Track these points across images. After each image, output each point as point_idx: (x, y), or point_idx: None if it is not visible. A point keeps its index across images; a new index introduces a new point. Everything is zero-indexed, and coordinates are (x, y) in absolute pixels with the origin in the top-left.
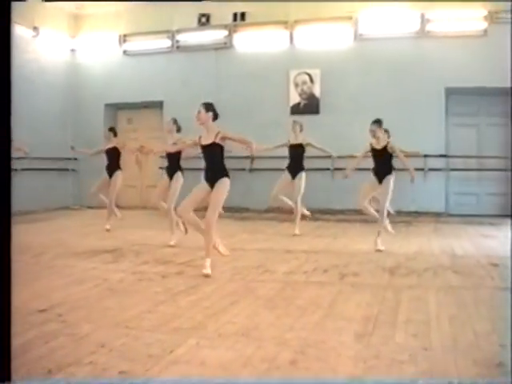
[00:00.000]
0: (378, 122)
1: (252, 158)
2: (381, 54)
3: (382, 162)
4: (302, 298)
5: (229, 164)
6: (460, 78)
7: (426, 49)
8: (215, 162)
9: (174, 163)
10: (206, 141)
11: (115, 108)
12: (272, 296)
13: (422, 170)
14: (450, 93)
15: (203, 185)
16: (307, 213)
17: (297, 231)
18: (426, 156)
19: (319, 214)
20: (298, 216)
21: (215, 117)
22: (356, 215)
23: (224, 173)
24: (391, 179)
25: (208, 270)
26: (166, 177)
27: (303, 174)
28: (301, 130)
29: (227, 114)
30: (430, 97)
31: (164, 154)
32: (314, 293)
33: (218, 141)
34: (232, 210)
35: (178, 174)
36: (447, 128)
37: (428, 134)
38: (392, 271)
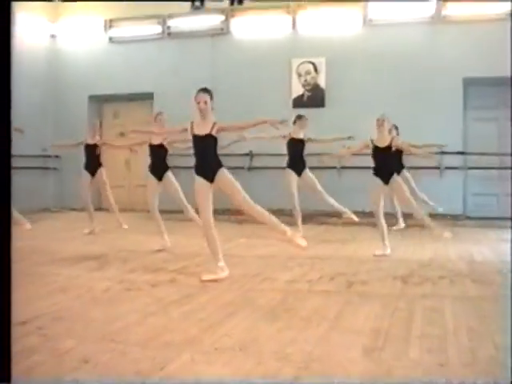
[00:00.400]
0: (384, 115)
1: (251, 156)
2: (392, 41)
3: (387, 162)
4: (306, 309)
5: (225, 162)
6: (480, 67)
7: (441, 35)
8: (210, 155)
9: (160, 161)
10: (201, 131)
11: (100, 100)
12: (273, 307)
13: (438, 168)
14: (469, 84)
15: (202, 186)
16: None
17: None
18: (442, 153)
19: (325, 216)
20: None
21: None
22: (366, 218)
23: (220, 164)
24: (398, 178)
25: (225, 272)
26: (151, 176)
27: (308, 171)
28: (304, 126)
29: (223, 107)
30: (446, 88)
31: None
32: (319, 303)
33: (214, 133)
34: (228, 213)
35: (170, 174)
36: (465, 123)
37: (444, 129)
38: (404, 279)
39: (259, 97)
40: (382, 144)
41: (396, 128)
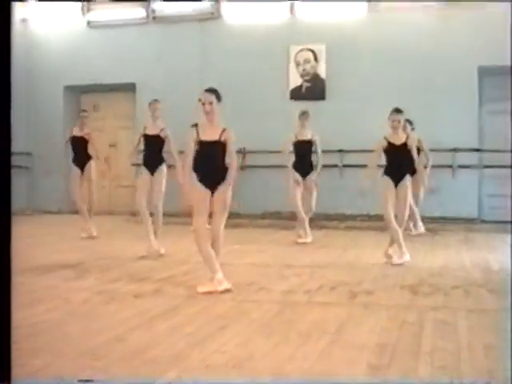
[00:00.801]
0: (400, 112)
1: (244, 153)
2: (400, 26)
3: (401, 161)
4: (305, 322)
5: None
6: (497, 54)
7: (454, 20)
8: (217, 164)
9: (154, 153)
10: (209, 136)
11: (77, 91)
12: (268, 320)
13: (450, 167)
14: (484, 73)
15: (202, 193)
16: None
17: (308, 239)
18: (454, 150)
19: (325, 220)
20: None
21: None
22: (370, 221)
23: (225, 175)
24: (408, 181)
25: (226, 284)
26: (145, 172)
27: (314, 175)
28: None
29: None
30: (459, 78)
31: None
32: (319, 316)
33: (223, 139)
34: None
35: (163, 168)
36: (480, 116)
37: (457, 123)
38: (413, 289)
39: (253, 88)
40: (398, 142)
41: (410, 123)
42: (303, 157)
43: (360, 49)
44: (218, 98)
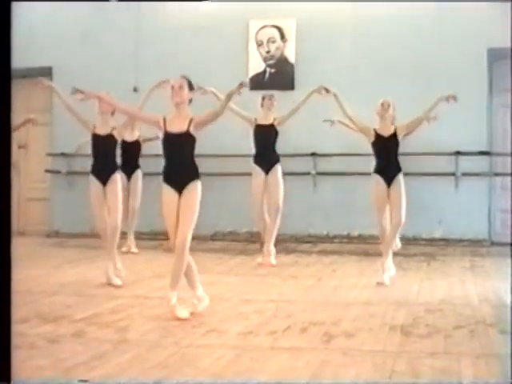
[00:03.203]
0: (388, 103)
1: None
2: None
3: (391, 156)
4: (267, 373)
5: (152, 166)
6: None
7: None
8: (185, 159)
9: (106, 159)
10: (176, 127)
11: None
12: (220, 370)
13: (453, 174)
14: (496, 57)
15: (170, 197)
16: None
17: (272, 260)
18: (457, 153)
19: (295, 242)
20: (274, 235)
21: (190, 100)
22: (352, 244)
23: (195, 174)
24: (402, 180)
25: (184, 312)
26: (96, 181)
27: (279, 168)
28: (272, 105)
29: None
30: (464, 63)
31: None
32: (286, 364)
33: (192, 130)
34: (160, 237)
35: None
36: (491, 110)
37: (461, 119)
38: (406, 330)
39: (201, 74)
40: (387, 133)
41: None
42: (264, 146)
43: (339, 26)
44: (190, 85)
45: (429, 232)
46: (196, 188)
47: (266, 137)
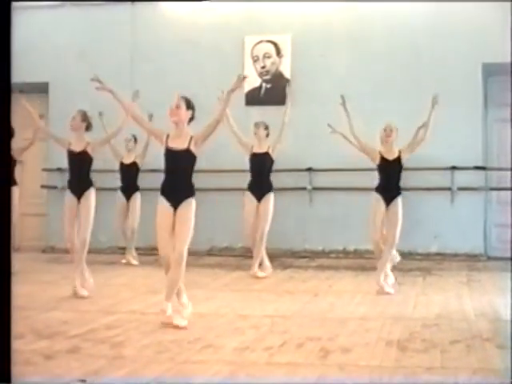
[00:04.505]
0: (391, 128)
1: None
2: (384, 13)
3: (393, 178)
4: None
5: (149, 182)
6: (506, 49)
7: (454, 8)
8: (184, 176)
9: (80, 174)
10: (177, 145)
11: None
12: None
13: (449, 189)
14: (490, 72)
15: (165, 211)
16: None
17: (259, 272)
18: (453, 168)
19: (291, 257)
20: (261, 254)
21: (191, 119)
22: (348, 259)
23: (191, 191)
24: (401, 202)
25: (182, 321)
26: (71, 195)
27: (271, 197)
28: (267, 135)
29: (145, 101)
30: (459, 78)
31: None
32: (282, 380)
33: (192, 148)
34: (155, 253)
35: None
36: (486, 125)
37: (457, 134)
38: (402, 345)
39: (197, 90)
40: (391, 156)
41: None
42: (259, 174)
43: (335, 41)
44: (188, 104)
45: (425, 247)
46: (191, 204)
47: (260, 165)
